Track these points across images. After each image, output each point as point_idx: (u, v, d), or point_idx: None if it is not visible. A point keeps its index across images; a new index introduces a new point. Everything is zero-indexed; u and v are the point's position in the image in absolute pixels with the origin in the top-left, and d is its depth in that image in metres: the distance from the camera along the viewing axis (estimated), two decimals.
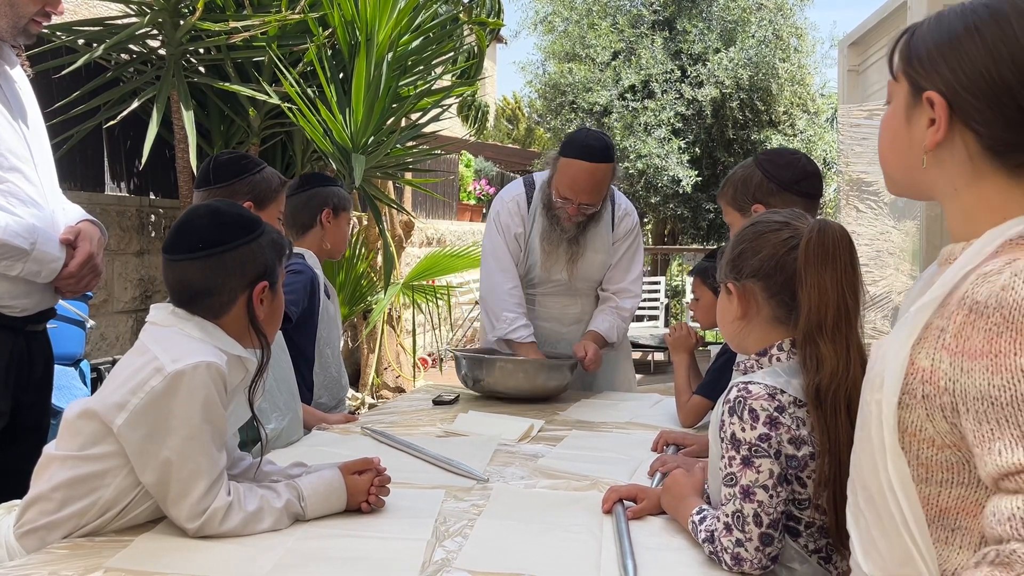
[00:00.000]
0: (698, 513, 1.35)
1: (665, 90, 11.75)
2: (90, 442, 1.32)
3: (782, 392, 1.26)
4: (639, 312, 9.64)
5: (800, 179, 1.88)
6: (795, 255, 1.28)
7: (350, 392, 6.13)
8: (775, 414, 1.23)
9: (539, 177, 2.77)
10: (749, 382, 1.27)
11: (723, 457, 1.26)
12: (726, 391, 1.30)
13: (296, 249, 2.52)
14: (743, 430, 1.23)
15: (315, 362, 2.47)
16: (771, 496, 1.22)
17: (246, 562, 1.27)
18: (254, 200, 2.09)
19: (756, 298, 1.34)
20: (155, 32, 3.77)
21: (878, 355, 0.95)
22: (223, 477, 1.35)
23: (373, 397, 6.26)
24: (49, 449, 1.38)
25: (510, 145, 18.82)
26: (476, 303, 8.07)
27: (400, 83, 4.15)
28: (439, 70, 4.71)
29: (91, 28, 3.81)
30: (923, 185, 1.01)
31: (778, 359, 1.32)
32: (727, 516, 1.24)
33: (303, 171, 4.39)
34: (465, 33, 5.18)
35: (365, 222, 5.92)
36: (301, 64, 3.85)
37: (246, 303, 1.42)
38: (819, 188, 1.93)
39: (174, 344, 1.34)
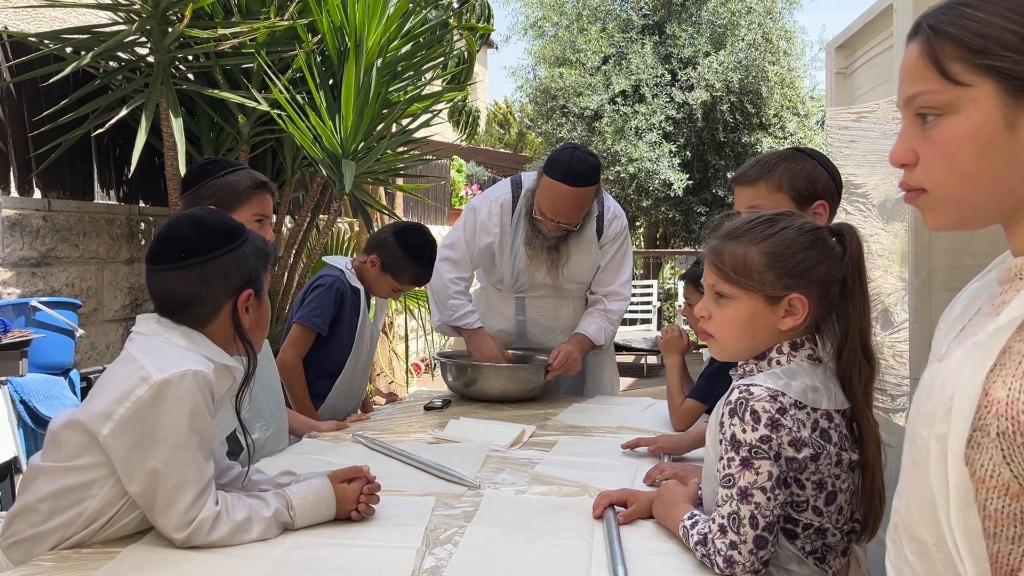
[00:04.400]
0: (689, 518, 1.34)
1: (656, 94, 11.77)
2: (76, 453, 1.31)
3: (783, 394, 1.25)
4: (632, 315, 9.65)
5: (841, 186, 1.85)
6: (844, 261, 1.30)
7: None
8: (777, 416, 1.23)
9: (526, 178, 2.75)
10: (751, 384, 1.26)
11: (722, 458, 1.25)
12: (727, 393, 1.29)
13: (340, 261, 2.55)
14: (744, 431, 1.22)
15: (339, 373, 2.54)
16: (768, 499, 1.21)
17: (234, 572, 1.26)
18: (217, 203, 1.99)
19: (813, 306, 1.31)
20: (143, 39, 3.76)
21: (935, 384, 0.79)
22: (211, 486, 1.34)
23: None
24: (35, 460, 1.37)
25: (502, 150, 18.84)
26: None
27: (390, 89, 4.15)
28: (429, 75, 4.71)
29: (79, 36, 3.80)
30: (1016, 202, 0.82)
31: (777, 362, 1.31)
32: (723, 518, 1.23)
33: (294, 178, 4.39)
34: (455, 38, 5.18)
35: (356, 228, 5.91)
36: (290, 71, 3.85)
37: (231, 311, 1.41)
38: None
39: (160, 353, 1.33)
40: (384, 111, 4.12)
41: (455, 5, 5.47)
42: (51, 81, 3.48)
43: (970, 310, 0.85)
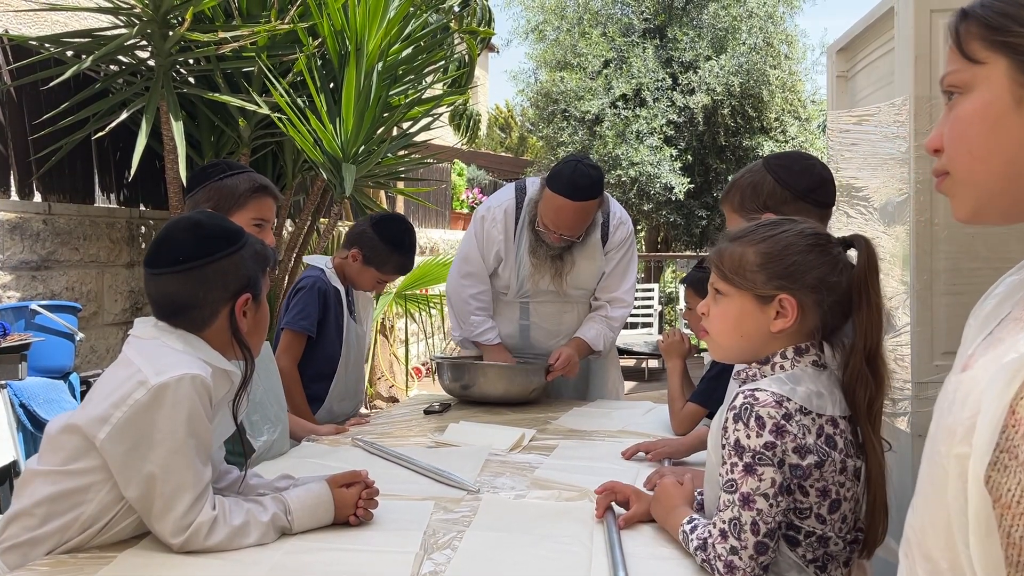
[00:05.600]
0: (689, 522, 1.33)
1: (657, 98, 11.79)
2: (72, 457, 1.30)
3: (788, 399, 1.24)
4: (633, 319, 9.65)
5: (816, 187, 1.74)
6: (848, 270, 1.30)
7: None
8: (782, 422, 1.22)
9: (530, 184, 2.75)
10: (755, 389, 1.25)
11: (724, 463, 1.25)
12: (731, 399, 1.28)
13: (320, 260, 2.54)
14: (748, 437, 1.22)
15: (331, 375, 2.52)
16: (771, 505, 1.20)
17: None
18: (215, 206, 1.98)
19: (805, 311, 1.30)
20: (144, 43, 3.77)
21: (957, 397, 0.73)
22: (208, 491, 1.34)
23: (367, 407, 6.24)
24: (31, 464, 1.36)
25: (503, 153, 18.86)
26: None
27: (391, 92, 4.15)
28: (430, 79, 4.72)
29: (79, 40, 3.80)
30: None
31: (781, 367, 1.30)
32: (724, 523, 1.23)
33: (294, 181, 4.39)
34: (456, 42, 5.19)
35: None
36: (291, 74, 3.85)
37: (229, 316, 1.40)
38: (833, 196, 1.80)
39: (158, 356, 1.33)
40: (385, 115, 4.12)
41: (456, 9, 5.48)
42: (52, 84, 3.49)
43: (1002, 309, 0.79)
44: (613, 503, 1.53)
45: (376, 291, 2.70)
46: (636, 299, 9.69)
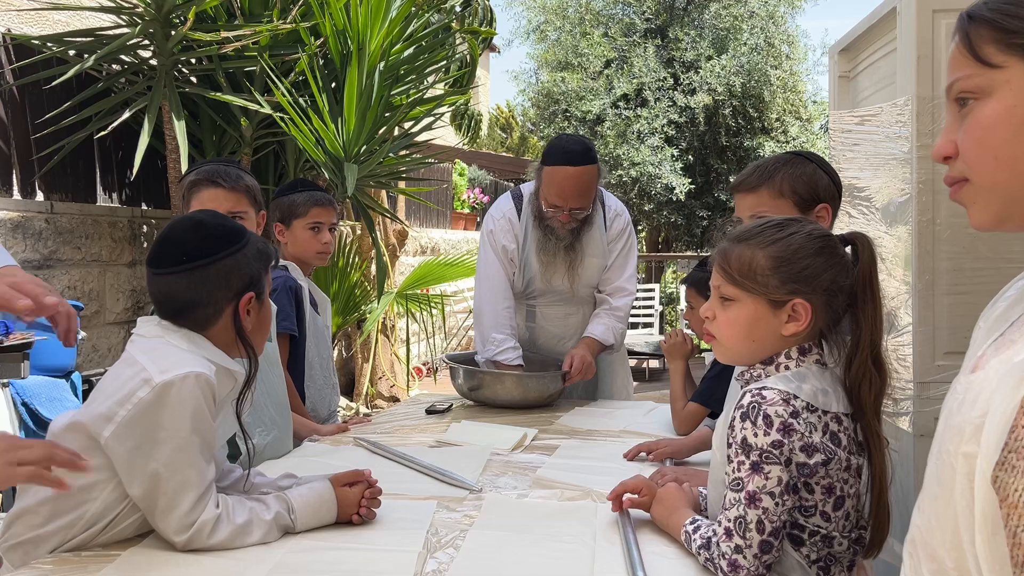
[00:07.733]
0: (691, 523, 1.33)
1: (658, 98, 11.80)
2: None
3: (795, 397, 1.24)
4: (634, 320, 9.65)
5: (841, 189, 1.82)
6: (853, 269, 1.30)
7: (344, 402, 6.11)
8: (790, 420, 1.22)
9: (526, 189, 2.76)
10: (763, 387, 1.25)
11: (731, 462, 1.24)
12: (738, 398, 1.28)
13: (281, 261, 2.50)
14: (755, 435, 1.21)
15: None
16: (776, 504, 1.20)
17: (235, 575, 1.25)
18: (184, 205, 1.96)
19: (817, 313, 1.30)
20: (146, 43, 3.77)
21: (967, 397, 0.73)
22: (211, 489, 1.34)
23: (367, 407, 6.24)
24: None
25: (504, 153, 18.87)
26: (471, 312, 8.06)
27: (392, 92, 4.16)
28: (431, 79, 4.72)
29: (82, 39, 3.81)
30: None
31: (786, 367, 1.30)
32: (729, 521, 1.23)
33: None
34: (457, 42, 5.19)
35: (359, 231, 5.92)
36: (293, 74, 3.85)
37: (232, 314, 1.40)
38: None
39: (162, 355, 1.33)
40: (386, 114, 4.12)
41: (457, 9, 5.48)
42: (54, 84, 3.49)
43: (1013, 312, 0.79)
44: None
45: (321, 240, 2.51)
46: (637, 299, 9.71)
